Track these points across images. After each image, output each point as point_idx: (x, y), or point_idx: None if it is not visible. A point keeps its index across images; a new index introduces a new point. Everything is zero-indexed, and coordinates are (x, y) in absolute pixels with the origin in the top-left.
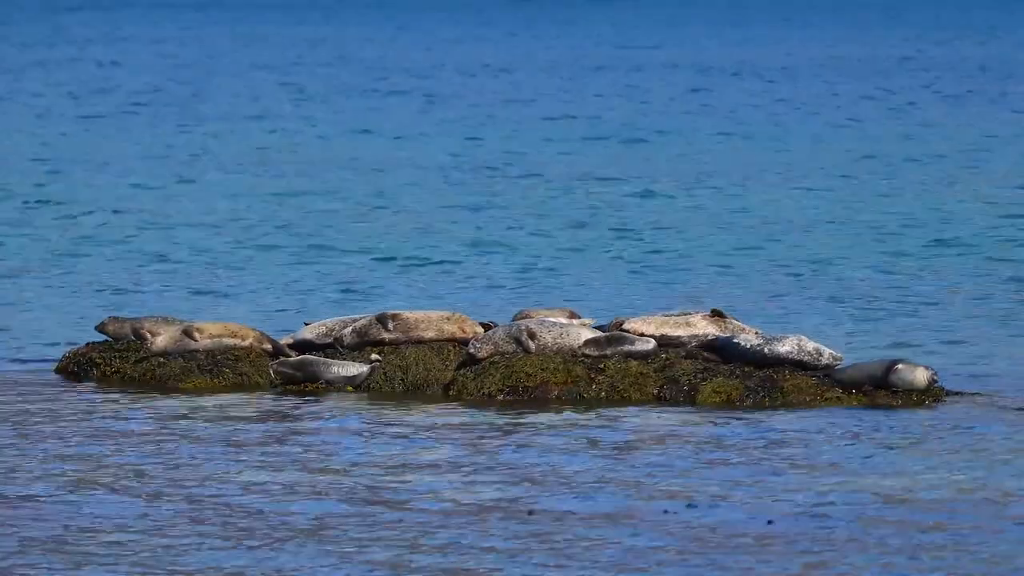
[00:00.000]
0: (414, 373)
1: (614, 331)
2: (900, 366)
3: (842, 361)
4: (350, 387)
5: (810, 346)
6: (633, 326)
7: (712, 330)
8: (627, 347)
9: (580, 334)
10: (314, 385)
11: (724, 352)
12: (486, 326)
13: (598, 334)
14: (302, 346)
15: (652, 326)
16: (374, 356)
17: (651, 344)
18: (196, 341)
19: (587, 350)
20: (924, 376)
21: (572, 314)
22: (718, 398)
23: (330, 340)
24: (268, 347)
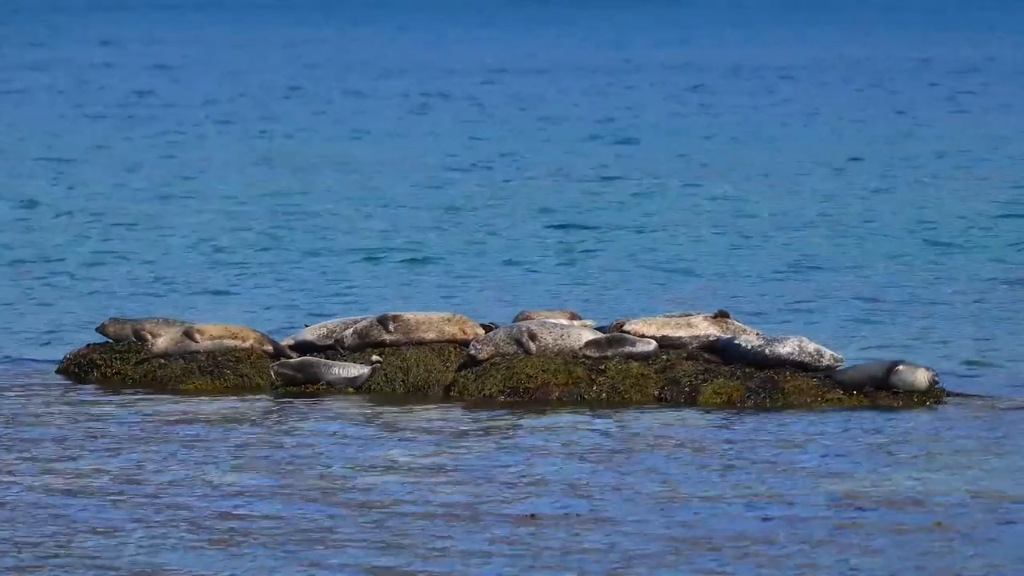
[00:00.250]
0: (415, 374)
1: (615, 332)
2: (901, 367)
3: (843, 362)
4: (351, 388)
5: (811, 347)
6: (634, 327)
7: (713, 331)
8: (628, 348)
9: (581, 335)
10: (315, 387)
11: (725, 353)
12: (487, 327)
13: (599, 335)
14: (303, 347)
15: (653, 327)
16: (375, 357)
17: (652, 345)
18: (197, 342)
19: (588, 351)
20: (925, 377)
21: (573, 315)
22: (719, 399)
23: (331, 341)
24: (269, 348)
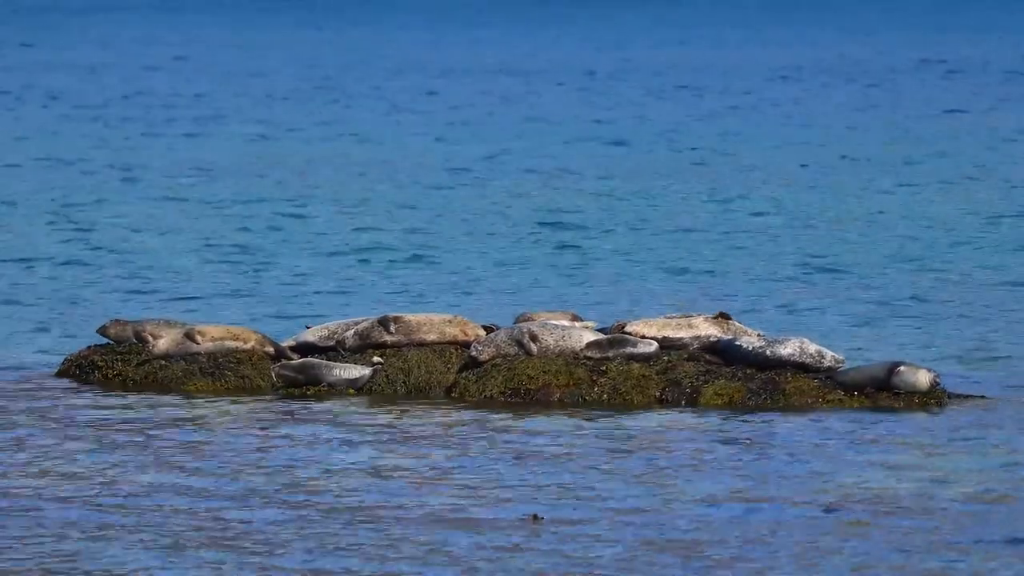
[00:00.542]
0: (416, 376)
1: (616, 334)
2: (902, 368)
3: (844, 363)
4: (352, 390)
5: (812, 348)
6: (635, 328)
7: (714, 332)
8: (629, 349)
9: (582, 336)
10: (316, 388)
11: (726, 354)
12: (488, 329)
13: (600, 336)
14: (304, 349)
15: (654, 328)
16: (376, 359)
17: (653, 346)
18: (198, 344)
19: (589, 352)
20: (926, 379)
21: (574, 317)
22: (720, 400)
23: (332, 343)
24: (270, 350)
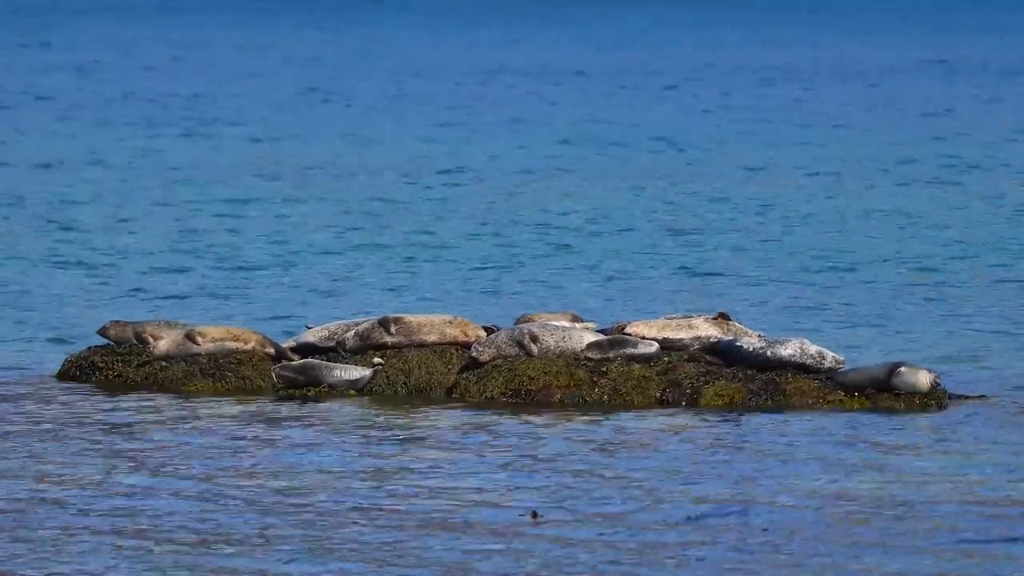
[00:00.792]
0: (416, 376)
1: (616, 334)
2: (903, 369)
3: (844, 364)
4: (352, 391)
5: (813, 349)
6: (635, 330)
7: (714, 333)
8: (630, 350)
9: (583, 337)
10: (316, 389)
11: (726, 355)
12: (488, 330)
13: (600, 337)
14: (304, 350)
15: (654, 329)
16: (376, 360)
17: (654, 347)
18: (198, 345)
19: (590, 353)
20: (927, 379)
21: (575, 317)
22: (721, 401)
23: (332, 344)
24: (270, 351)
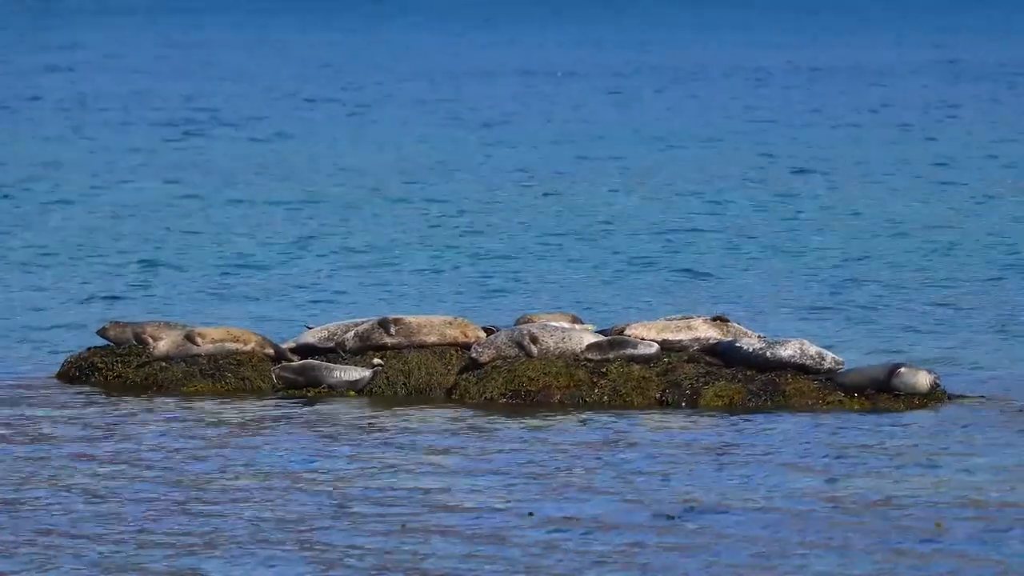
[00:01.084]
0: (416, 377)
1: (616, 335)
2: (902, 370)
3: (844, 365)
4: (352, 392)
5: (812, 350)
6: (635, 331)
7: (714, 334)
8: (630, 351)
9: (582, 338)
10: (316, 390)
11: (726, 356)
12: (488, 330)
13: (600, 338)
14: (304, 350)
15: (653, 331)
16: (376, 360)
17: (654, 348)
18: (198, 346)
19: (589, 354)
20: (926, 380)
21: (574, 318)
22: (721, 402)
23: (332, 344)
24: (270, 351)
